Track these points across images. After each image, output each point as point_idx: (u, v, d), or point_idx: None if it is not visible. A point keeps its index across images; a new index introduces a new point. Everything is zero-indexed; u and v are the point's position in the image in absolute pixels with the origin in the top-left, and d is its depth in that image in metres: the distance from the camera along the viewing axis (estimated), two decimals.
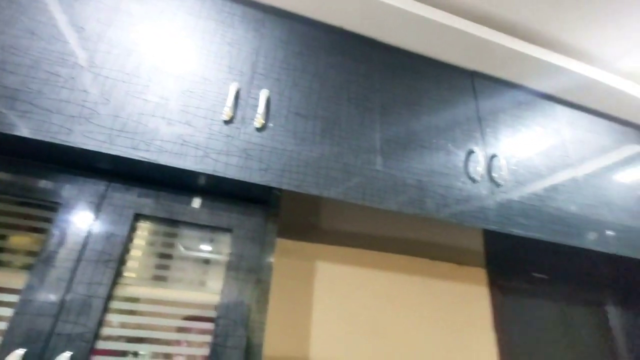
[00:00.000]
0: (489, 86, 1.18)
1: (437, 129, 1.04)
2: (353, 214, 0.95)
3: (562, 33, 1.17)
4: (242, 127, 0.82)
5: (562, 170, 1.13)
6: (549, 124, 1.21)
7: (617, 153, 1.29)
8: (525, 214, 0.96)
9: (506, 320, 1.46)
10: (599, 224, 1.05)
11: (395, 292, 1.30)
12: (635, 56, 1.23)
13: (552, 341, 1.49)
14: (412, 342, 1.25)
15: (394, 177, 0.89)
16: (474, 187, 0.97)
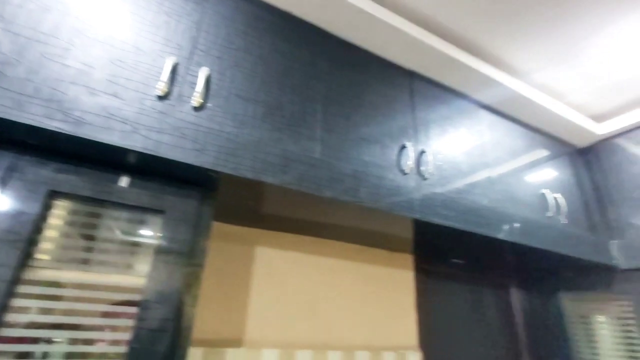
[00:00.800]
0: (425, 87, 1.27)
1: (375, 122, 1.09)
2: (293, 200, 0.97)
3: (492, 44, 1.29)
4: (178, 105, 0.79)
5: (479, 168, 1.26)
6: (473, 126, 1.34)
7: (526, 156, 1.48)
8: (445, 205, 1.06)
9: (426, 301, 1.61)
10: (505, 216, 1.19)
11: (330, 277, 1.36)
12: (549, 71, 1.41)
13: (464, 319, 1.68)
14: (343, 323, 1.32)
15: (332, 165, 0.93)
16: (403, 179, 1.04)
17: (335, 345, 1.28)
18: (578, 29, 1.20)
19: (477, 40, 1.27)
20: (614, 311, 1.51)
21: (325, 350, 1.24)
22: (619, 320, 1.49)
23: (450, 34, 1.24)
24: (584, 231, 1.50)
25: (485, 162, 1.29)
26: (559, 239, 1.32)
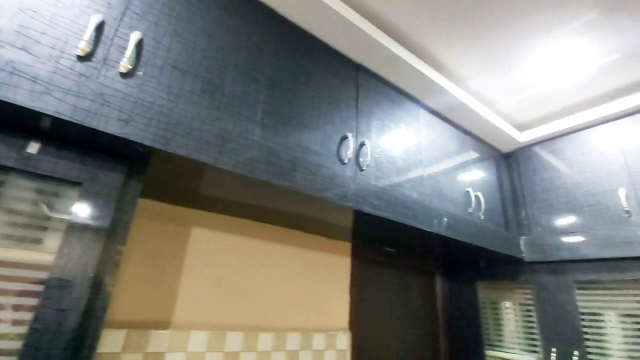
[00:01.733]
0: (370, 81, 1.30)
1: (319, 111, 1.09)
2: (232, 182, 0.94)
3: (436, 49, 1.35)
4: (103, 69, 0.72)
5: (413, 164, 1.33)
6: (412, 123, 1.41)
7: (457, 156, 1.59)
8: (377, 196, 1.11)
9: (360, 286, 1.68)
10: (431, 210, 1.28)
11: (267, 261, 1.36)
12: (482, 80, 1.52)
13: (392, 302, 1.79)
14: (277, 306, 1.34)
15: (270, 149, 0.92)
16: (341, 168, 1.07)
17: (268, 327, 1.29)
18: (508, 43, 1.30)
19: (423, 43, 1.32)
20: (518, 298, 1.72)
21: (257, 333, 1.25)
22: (522, 306, 1.70)
23: (398, 33, 1.28)
24: (499, 227, 1.66)
25: (419, 159, 1.36)
26: (477, 234, 1.45)
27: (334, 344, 1.46)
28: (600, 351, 1.37)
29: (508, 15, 1.18)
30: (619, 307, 1.36)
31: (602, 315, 1.40)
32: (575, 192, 1.55)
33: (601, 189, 1.47)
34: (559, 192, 1.61)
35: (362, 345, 1.59)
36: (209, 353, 1.15)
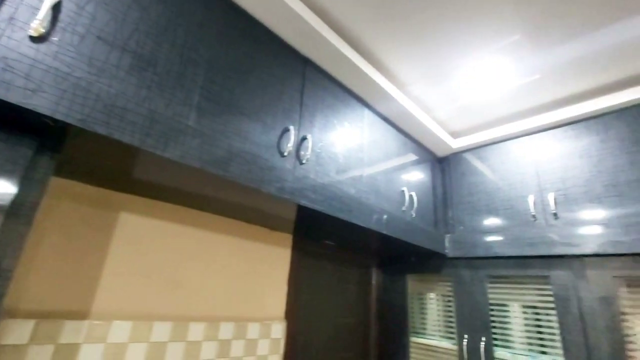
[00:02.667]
0: (317, 76, 1.30)
1: (261, 101, 1.07)
2: (161, 166, 0.89)
3: (381, 52, 1.39)
4: (8, 29, 0.63)
5: (354, 161, 1.37)
6: (356, 122, 1.44)
7: (396, 157, 1.66)
8: (315, 190, 1.12)
9: (299, 276, 1.70)
10: (366, 206, 1.33)
11: (203, 249, 1.31)
12: (422, 86, 1.59)
13: (329, 293, 1.83)
14: (212, 295, 1.30)
15: (205, 135, 0.88)
16: (280, 160, 1.06)
17: (200, 317, 1.25)
18: (445, 54, 1.38)
19: (369, 44, 1.35)
20: (441, 290, 1.86)
21: (187, 322, 1.20)
22: (443, 297, 1.84)
23: (345, 31, 1.29)
24: (428, 225, 1.78)
25: (360, 157, 1.40)
26: (408, 230, 1.54)
27: (269, 332, 1.46)
28: (504, 337, 1.53)
29: (444, 28, 1.25)
30: (522, 299, 1.53)
31: (507, 306, 1.57)
32: (494, 196, 1.71)
33: (515, 194, 1.63)
34: (481, 195, 1.76)
35: (297, 333, 1.61)
36: (132, 343, 1.08)
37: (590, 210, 1.38)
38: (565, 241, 1.39)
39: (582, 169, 1.45)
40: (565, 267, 1.38)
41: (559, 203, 1.47)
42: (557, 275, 1.40)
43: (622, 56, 1.29)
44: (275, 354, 1.47)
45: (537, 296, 1.48)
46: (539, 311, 1.46)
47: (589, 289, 1.31)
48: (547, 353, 1.40)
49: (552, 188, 1.51)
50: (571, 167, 1.48)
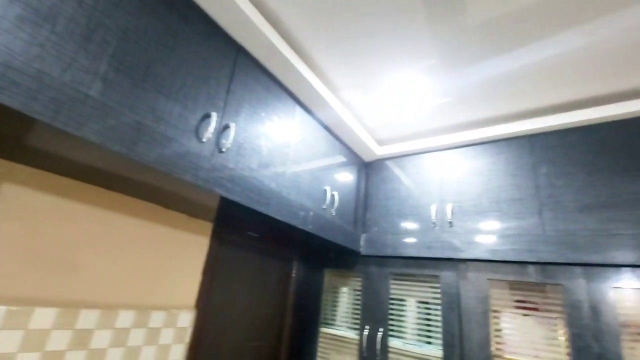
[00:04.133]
0: (250, 65, 1.27)
1: (182, 81, 1.01)
2: (53, 136, 0.78)
3: (317, 53, 1.41)
4: None
5: (278, 156, 1.37)
6: (286, 118, 1.44)
7: (324, 157, 1.71)
8: (232, 180, 1.09)
9: (217, 266, 1.65)
10: (287, 201, 1.34)
11: (109, 232, 1.19)
12: (352, 92, 1.65)
13: (249, 284, 1.81)
14: (113, 281, 1.19)
15: (109, 109, 0.80)
16: (197, 146, 1.01)
17: (94, 303, 1.14)
18: (376, 66, 1.46)
19: (307, 46, 1.36)
20: (353, 284, 1.96)
21: (78, 309, 1.09)
22: (354, 291, 1.94)
23: (285, 29, 1.29)
24: (348, 224, 1.86)
25: (285, 152, 1.41)
26: (326, 227, 1.59)
27: (175, 321, 1.39)
28: (398, 328, 1.68)
29: (375, 43, 1.32)
30: (417, 295, 1.69)
31: (405, 301, 1.72)
32: (405, 202, 1.86)
33: (422, 202, 1.79)
34: (395, 200, 1.90)
35: (208, 322, 1.57)
36: (4, 331, 0.95)
37: (476, 222, 1.58)
38: (454, 246, 1.57)
39: (475, 186, 1.65)
40: (452, 269, 1.57)
41: (455, 213, 1.65)
42: (445, 276, 1.58)
43: (511, 93, 1.50)
44: (180, 343, 1.41)
45: (430, 293, 1.65)
46: (430, 306, 1.64)
47: (468, 288, 1.50)
48: (431, 343, 1.57)
49: (450, 200, 1.69)
50: (467, 183, 1.68)
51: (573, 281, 1.28)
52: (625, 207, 1.27)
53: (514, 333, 1.39)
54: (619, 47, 1.20)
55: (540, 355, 1.31)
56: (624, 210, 1.27)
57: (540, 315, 1.36)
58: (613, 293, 1.21)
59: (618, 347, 1.15)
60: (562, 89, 1.43)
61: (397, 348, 1.63)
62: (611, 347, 1.16)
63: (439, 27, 1.20)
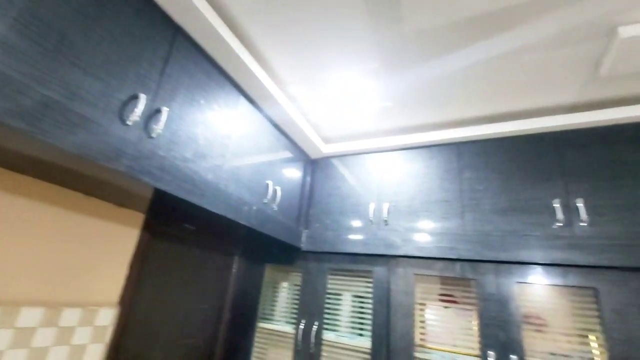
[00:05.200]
0: (189, 49, 1.19)
1: (107, 58, 0.91)
2: None
3: (266, 47, 1.37)
4: None
5: (218, 146, 1.31)
6: (228, 108, 1.38)
7: (268, 151, 1.67)
8: (162, 168, 1.02)
9: (148, 260, 1.53)
10: (224, 193, 1.29)
11: (8, 219, 1.04)
12: (299, 88, 1.64)
13: (185, 279, 1.72)
14: (14, 278, 1.04)
15: (9, 78, 0.69)
16: (120, 128, 0.92)
17: None
18: (323, 63, 1.46)
19: (253, 36, 1.32)
20: (293, 279, 1.96)
21: None
22: (294, 286, 1.94)
23: (229, 15, 1.23)
24: (290, 220, 1.85)
25: (225, 144, 1.35)
26: (266, 222, 1.56)
27: (92, 319, 1.26)
28: (333, 321, 1.71)
29: (322, 42, 1.32)
30: (352, 289, 1.73)
31: (341, 295, 1.76)
32: (346, 200, 1.90)
33: (362, 201, 1.85)
34: (337, 198, 1.93)
35: (135, 320, 1.46)
36: None
37: (408, 221, 1.67)
38: (387, 243, 1.64)
39: (409, 187, 1.74)
40: (384, 265, 1.64)
41: (390, 212, 1.73)
42: (377, 271, 1.64)
43: (443, 102, 1.61)
44: (99, 342, 1.29)
45: (364, 287, 1.70)
46: (363, 300, 1.69)
47: (398, 283, 1.58)
48: (362, 335, 1.63)
49: (387, 199, 1.77)
50: (403, 184, 1.77)
51: (485, 276, 1.41)
52: (531, 211, 1.43)
53: (436, 324, 1.50)
54: (530, 67, 1.34)
55: (457, 343, 1.43)
56: (529, 214, 1.42)
57: (459, 308, 1.48)
58: (517, 288, 1.36)
59: (520, 335, 1.29)
60: (484, 103, 1.56)
61: (331, 340, 1.66)
62: (514, 336, 1.29)
63: (380, 32, 1.23)
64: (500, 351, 1.29)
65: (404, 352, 1.45)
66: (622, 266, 1.20)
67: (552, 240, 1.33)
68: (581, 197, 1.35)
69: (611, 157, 1.37)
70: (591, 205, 1.33)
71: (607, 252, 1.23)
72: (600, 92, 1.39)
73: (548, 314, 1.32)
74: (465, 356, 1.38)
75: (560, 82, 1.37)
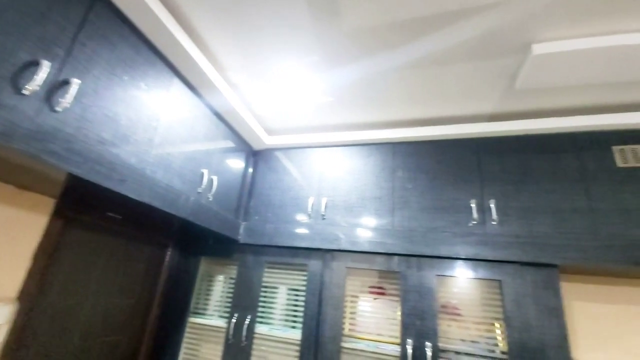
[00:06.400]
0: (110, 16, 1.06)
1: (9, 22, 0.77)
2: None
3: (204, 29, 1.27)
4: None
5: (144, 128, 1.19)
6: (158, 88, 1.27)
7: (205, 139, 1.58)
8: (70, 147, 0.90)
9: (60, 250, 1.36)
10: (149, 179, 1.18)
11: None
12: (242, 75, 1.56)
13: (107, 272, 1.55)
14: None
15: None
16: (12, 97, 0.79)
17: None
18: (267, 54, 1.41)
19: (189, 14, 1.22)
20: (230, 272, 1.88)
21: None
22: (231, 279, 1.87)
23: None
24: (228, 211, 1.77)
25: (153, 126, 1.24)
26: (200, 212, 1.47)
27: None
28: (267, 315, 1.68)
29: (265, 30, 1.27)
30: (288, 283, 1.72)
31: (277, 288, 1.73)
32: (287, 194, 1.87)
33: (301, 194, 1.84)
34: (278, 191, 1.90)
35: (41, 317, 1.28)
36: None
37: (344, 216, 1.70)
38: (323, 238, 1.66)
39: (347, 183, 1.77)
40: (319, 258, 1.65)
41: (328, 207, 1.74)
42: (312, 264, 1.65)
43: (380, 103, 1.66)
44: None
45: (300, 280, 1.70)
46: (298, 293, 1.69)
47: (331, 276, 1.60)
48: (295, 327, 1.62)
49: (326, 194, 1.78)
50: (341, 180, 1.79)
51: (409, 270, 1.49)
52: (451, 210, 1.53)
53: (366, 315, 1.54)
54: (458, 76, 1.43)
55: (382, 333, 1.48)
56: (450, 212, 1.53)
57: (387, 299, 1.54)
58: (437, 280, 1.45)
59: (435, 324, 1.38)
60: (418, 106, 1.63)
61: (263, 333, 1.63)
62: (430, 325, 1.38)
63: (320, 25, 1.22)
64: (418, 339, 1.37)
65: (332, 341, 1.48)
66: (520, 261, 1.34)
67: (467, 237, 1.44)
68: (494, 199, 1.49)
69: (519, 164, 1.52)
70: (501, 206, 1.47)
71: (510, 249, 1.37)
72: (515, 104, 1.53)
73: (463, 304, 1.43)
74: (388, 344, 1.45)
75: (483, 91, 1.48)
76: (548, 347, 1.22)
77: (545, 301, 1.28)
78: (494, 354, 1.31)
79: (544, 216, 1.40)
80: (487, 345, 1.33)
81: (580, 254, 1.28)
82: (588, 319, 1.45)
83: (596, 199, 1.36)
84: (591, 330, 1.43)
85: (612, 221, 1.31)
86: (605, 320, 1.43)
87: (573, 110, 1.51)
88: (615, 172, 1.39)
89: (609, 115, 1.46)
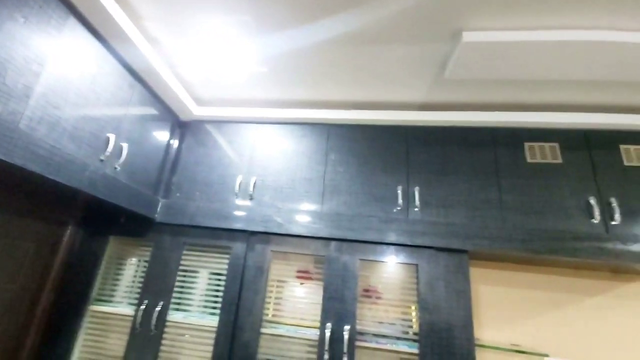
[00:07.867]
0: None
1: None
2: None
3: None
4: None
5: (17, 70, 0.94)
6: (43, 24, 1.01)
7: (114, 98, 1.34)
8: None
9: None
10: (25, 136, 0.94)
11: None
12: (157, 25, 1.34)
13: None
14: None
15: None
16: None
17: None
18: (189, 5, 1.21)
19: None
20: (143, 255, 1.66)
21: None
22: (143, 262, 1.65)
23: None
24: (144, 186, 1.55)
25: (34, 71, 0.99)
26: (102, 184, 1.25)
27: None
28: (183, 301, 1.52)
29: None
30: (210, 267, 1.57)
31: (197, 272, 1.57)
32: (214, 170, 1.70)
33: (230, 172, 1.68)
34: (205, 167, 1.72)
35: None
36: None
37: (273, 197, 1.59)
38: (248, 219, 1.54)
39: (278, 162, 1.66)
40: (243, 241, 1.53)
41: (257, 187, 1.62)
42: (236, 247, 1.52)
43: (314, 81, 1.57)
44: None
45: (222, 264, 1.56)
46: (220, 277, 1.55)
47: (254, 259, 1.50)
48: (214, 314, 1.49)
49: (256, 173, 1.65)
50: (273, 159, 1.68)
51: (334, 254, 1.45)
52: (378, 195, 1.52)
53: (292, 300, 1.47)
54: (390, 60, 1.41)
55: (305, 317, 1.43)
56: (377, 198, 1.52)
57: (313, 284, 1.49)
58: (359, 264, 1.44)
59: (354, 307, 1.36)
60: (352, 88, 1.57)
61: (177, 321, 1.47)
62: (350, 308, 1.36)
63: None
64: (337, 322, 1.34)
65: (251, 327, 1.38)
66: (435, 246, 1.38)
67: (390, 223, 1.44)
68: (418, 186, 1.51)
69: (442, 155, 1.57)
70: (424, 194, 1.50)
71: (427, 235, 1.40)
72: (443, 94, 1.55)
73: (384, 288, 1.43)
74: (308, 328, 1.40)
75: (414, 77, 1.44)
76: (454, 327, 1.28)
77: (454, 285, 1.34)
78: (407, 335, 1.34)
79: (459, 205, 1.46)
80: (402, 327, 1.36)
81: (488, 242, 1.36)
82: (491, 301, 1.57)
83: (506, 192, 1.46)
84: (493, 311, 1.55)
85: (517, 213, 1.42)
86: (506, 302, 1.57)
87: (495, 105, 1.59)
88: (524, 167, 1.50)
89: (524, 113, 1.56)
